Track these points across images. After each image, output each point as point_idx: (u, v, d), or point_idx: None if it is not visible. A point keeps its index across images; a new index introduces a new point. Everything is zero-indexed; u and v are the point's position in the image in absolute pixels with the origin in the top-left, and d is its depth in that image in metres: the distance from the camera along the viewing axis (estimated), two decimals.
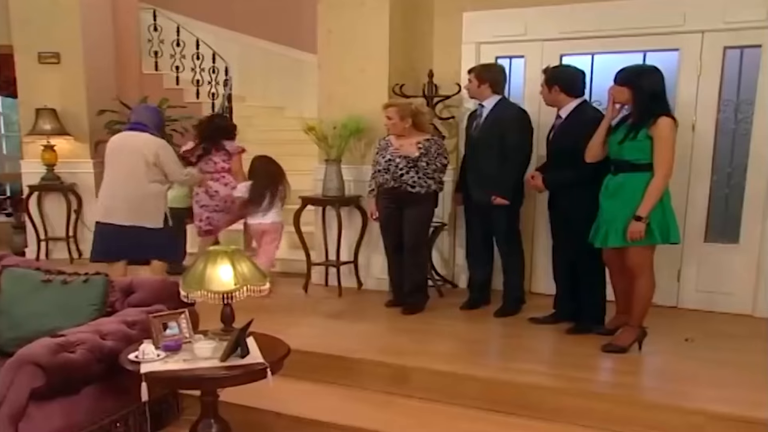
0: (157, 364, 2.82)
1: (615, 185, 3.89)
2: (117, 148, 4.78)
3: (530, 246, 5.30)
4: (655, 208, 3.74)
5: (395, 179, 4.68)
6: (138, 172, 4.65)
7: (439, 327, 4.55)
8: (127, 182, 4.67)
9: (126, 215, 4.65)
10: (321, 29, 5.52)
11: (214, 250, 3.16)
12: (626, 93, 3.87)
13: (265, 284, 3.18)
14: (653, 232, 3.76)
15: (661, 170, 3.72)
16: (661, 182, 3.73)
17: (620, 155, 3.87)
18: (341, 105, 5.36)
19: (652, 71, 3.89)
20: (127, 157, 4.69)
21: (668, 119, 3.74)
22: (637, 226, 3.74)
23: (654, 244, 3.83)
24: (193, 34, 8.07)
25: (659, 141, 3.72)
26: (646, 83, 3.81)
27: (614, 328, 4.12)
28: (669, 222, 3.81)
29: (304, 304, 5.19)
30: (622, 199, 3.83)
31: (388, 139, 4.83)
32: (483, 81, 4.62)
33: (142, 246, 4.74)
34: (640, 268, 3.87)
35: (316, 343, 4.13)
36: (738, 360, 3.88)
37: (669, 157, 3.74)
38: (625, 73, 3.92)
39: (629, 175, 3.83)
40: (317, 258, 5.66)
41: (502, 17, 5.21)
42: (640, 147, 3.77)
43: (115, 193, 4.71)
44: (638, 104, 3.83)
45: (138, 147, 4.67)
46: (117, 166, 4.73)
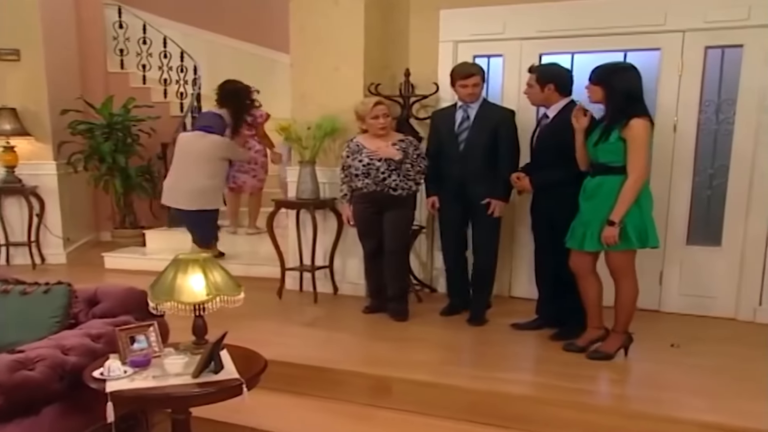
0: (123, 381, 2.62)
1: (592, 187, 3.79)
2: (185, 145, 5.80)
3: (510, 249, 5.19)
4: (632, 211, 3.63)
5: (377, 183, 4.52)
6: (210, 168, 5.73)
7: (419, 334, 4.41)
8: (196, 175, 5.68)
9: (188, 202, 5.75)
10: (293, 26, 5.35)
11: (184, 258, 2.97)
12: (599, 92, 3.75)
13: (240, 294, 3.01)
14: (629, 236, 3.65)
15: (634, 173, 3.60)
16: (633, 186, 3.61)
17: (596, 157, 3.77)
18: (315, 105, 5.21)
19: (626, 69, 3.77)
20: (197, 155, 5.69)
21: (641, 120, 3.60)
22: (611, 230, 3.63)
23: (631, 248, 3.72)
24: (160, 31, 7.88)
25: (632, 143, 3.60)
26: (619, 82, 3.68)
27: (586, 345, 3.97)
28: (647, 226, 3.70)
29: (279, 312, 5.02)
30: (598, 202, 3.73)
31: (357, 141, 4.64)
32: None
33: (195, 225, 5.87)
34: (622, 272, 3.76)
35: (293, 354, 3.96)
36: (726, 367, 3.79)
37: (642, 160, 3.61)
38: (599, 71, 3.80)
39: (605, 177, 3.72)
40: (291, 263, 5.49)
41: (480, 15, 5.10)
42: (613, 149, 3.66)
43: (177, 184, 5.75)
44: (611, 104, 3.71)
45: (208, 147, 5.71)
46: (187, 161, 5.73)
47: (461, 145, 4.52)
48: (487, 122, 4.47)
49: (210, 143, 5.73)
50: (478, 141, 4.46)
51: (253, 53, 8.80)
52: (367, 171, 4.54)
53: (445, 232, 4.77)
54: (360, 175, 4.57)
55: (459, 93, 4.53)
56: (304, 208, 5.26)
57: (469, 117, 4.52)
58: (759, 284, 4.58)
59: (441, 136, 4.64)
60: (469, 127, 4.51)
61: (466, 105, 4.53)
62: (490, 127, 4.46)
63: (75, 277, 5.92)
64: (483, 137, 4.46)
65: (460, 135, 4.53)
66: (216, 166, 5.78)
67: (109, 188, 7.26)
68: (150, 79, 8.02)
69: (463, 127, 4.53)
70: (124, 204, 7.35)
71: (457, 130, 4.54)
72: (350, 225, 4.83)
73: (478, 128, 4.48)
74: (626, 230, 3.63)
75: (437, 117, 4.76)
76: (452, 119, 4.58)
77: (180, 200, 5.80)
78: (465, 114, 4.54)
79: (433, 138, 4.73)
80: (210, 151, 5.71)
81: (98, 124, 7.06)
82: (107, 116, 7.10)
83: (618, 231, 3.61)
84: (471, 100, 4.51)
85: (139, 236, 7.13)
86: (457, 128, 4.55)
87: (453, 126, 4.56)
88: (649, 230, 3.70)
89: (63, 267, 6.64)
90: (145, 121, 7.25)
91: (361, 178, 4.57)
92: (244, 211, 6.68)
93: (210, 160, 5.72)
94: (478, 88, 4.49)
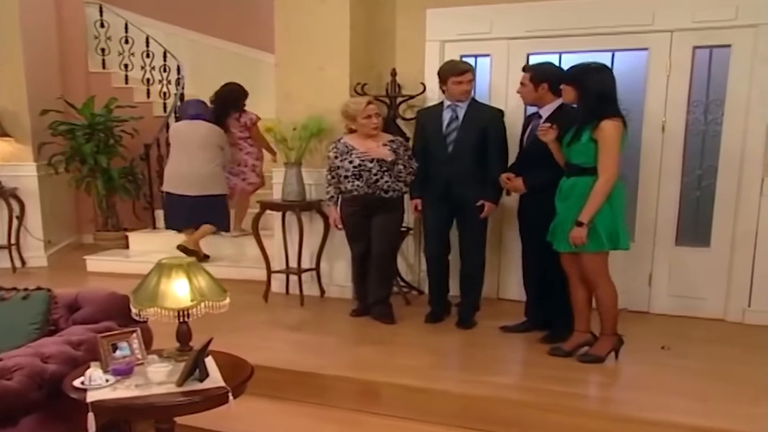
0: (105, 390, 2.55)
1: (567, 188, 3.76)
2: (185, 134, 5.93)
3: (498, 251, 5.15)
4: (603, 212, 3.60)
5: (369, 185, 4.44)
6: (212, 153, 5.89)
7: (407, 338, 4.35)
8: (201, 161, 5.85)
9: (199, 187, 5.84)
10: (278, 25, 5.28)
11: (168, 263, 2.90)
12: (572, 92, 3.72)
13: (225, 299, 2.94)
14: (600, 237, 3.61)
15: (604, 175, 3.57)
16: (603, 187, 3.57)
17: (569, 158, 3.75)
18: (301, 105, 5.13)
19: (599, 70, 3.74)
20: (199, 143, 5.85)
21: (612, 122, 3.56)
22: (578, 231, 3.60)
23: (601, 250, 3.67)
24: (143, 30, 7.75)
25: (603, 144, 3.57)
26: (593, 83, 3.65)
27: (572, 349, 3.92)
28: (618, 227, 3.66)
29: (265, 315, 4.94)
30: (572, 203, 3.70)
31: (345, 141, 4.54)
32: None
33: (209, 211, 5.92)
34: (594, 275, 3.72)
35: (279, 358, 3.90)
36: (717, 369, 3.75)
37: (612, 162, 3.57)
38: (572, 71, 3.79)
39: (578, 178, 3.69)
40: (277, 265, 5.42)
41: (467, 15, 5.05)
42: (584, 150, 3.63)
43: (188, 170, 5.85)
44: (583, 104, 3.68)
45: (207, 134, 5.90)
46: (190, 148, 5.87)
47: (450, 146, 4.44)
48: (477, 122, 4.41)
49: (207, 130, 5.92)
50: (468, 141, 4.40)
51: (237, 53, 8.69)
52: (358, 173, 4.45)
53: (430, 234, 4.66)
54: (350, 177, 4.47)
55: (452, 91, 4.42)
56: (290, 210, 5.19)
57: (458, 117, 4.45)
58: (747, 285, 4.56)
59: (427, 136, 4.56)
60: (458, 127, 4.43)
61: (455, 104, 4.45)
62: (479, 127, 4.39)
63: (56, 281, 5.91)
64: (472, 137, 4.39)
65: (449, 135, 4.45)
66: (215, 153, 5.94)
67: (91, 190, 7.14)
68: (132, 78, 7.89)
69: (452, 127, 4.45)
70: (107, 206, 7.23)
71: (446, 131, 4.46)
72: (337, 228, 4.72)
73: (467, 128, 4.41)
74: (597, 231, 3.61)
75: (423, 116, 4.68)
76: (439, 119, 4.49)
77: (191, 187, 5.86)
78: (454, 114, 4.47)
79: (419, 138, 4.64)
80: (209, 138, 5.91)
81: (79, 125, 6.93)
82: (89, 117, 6.98)
83: (586, 232, 3.59)
84: (465, 98, 4.43)
85: (122, 238, 7.03)
86: (446, 128, 4.46)
87: (441, 126, 4.48)
88: (620, 231, 3.67)
89: (44, 270, 6.53)
90: (128, 122, 7.13)
91: (351, 179, 4.47)
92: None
93: (210, 147, 5.90)
94: (471, 86, 4.45)
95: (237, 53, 8.68)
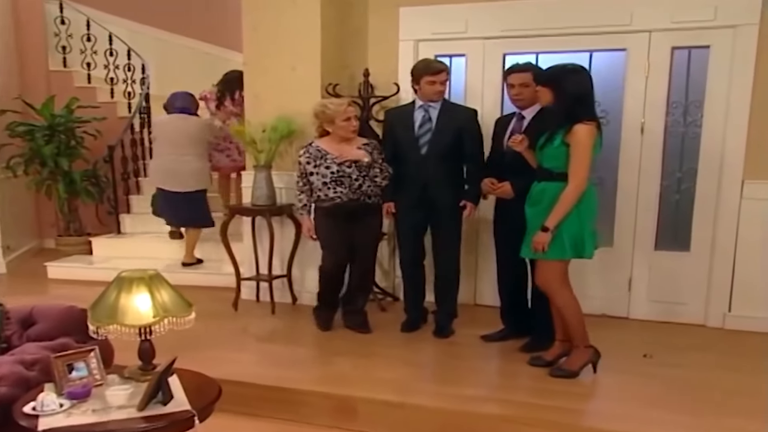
0: (59, 417, 2.37)
1: (536, 193, 3.63)
2: (174, 127, 5.80)
3: (475, 256, 5.03)
4: (570, 219, 3.47)
5: (353, 191, 4.23)
6: (200, 149, 5.83)
7: (384, 348, 4.19)
8: (190, 157, 5.76)
9: (188, 184, 5.77)
10: (246, 24, 5.09)
11: (128, 276, 2.72)
12: (548, 94, 3.57)
13: (190, 314, 2.78)
14: (564, 245, 3.48)
15: (574, 180, 3.44)
16: (572, 193, 3.44)
17: (541, 161, 3.63)
18: (270, 106, 4.95)
19: (577, 72, 3.60)
20: (188, 139, 5.75)
21: (585, 126, 3.42)
22: (541, 236, 3.47)
23: (565, 258, 3.54)
24: (105, 28, 7.47)
25: (575, 149, 3.43)
26: (570, 85, 3.50)
27: (553, 359, 3.80)
28: (584, 235, 3.52)
29: (235, 325, 4.75)
30: (541, 209, 3.56)
31: (317, 146, 4.29)
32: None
33: (193, 207, 5.84)
34: (549, 284, 3.59)
35: (249, 372, 3.74)
36: (704, 379, 3.66)
37: (583, 167, 3.44)
38: (549, 72, 3.65)
39: (548, 183, 3.56)
40: (248, 272, 5.23)
41: (442, 13, 4.92)
42: (556, 154, 3.50)
43: (177, 167, 5.73)
44: (559, 107, 3.53)
45: (197, 129, 5.83)
46: (178, 143, 5.75)
47: (423, 147, 4.27)
48: (452, 123, 4.26)
49: (196, 125, 5.87)
50: (442, 143, 4.24)
51: (206, 52, 8.48)
52: (339, 179, 4.21)
53: (405, 239, 4.51)
54: (330, 184, 4.22)
55: (425, 91, 4.26)
56: (260, 215, 5.01)
57: (431, 118, 4.28)
58: (728, 290, 4.49)
59: (398, 137, 4.38)
60: (431, 129, 4.27)
61: (427, 105, 4.29)
62: (454, 128, 4.25)
63: (15, 288, 5.67)
64: (447, 139, 4.24)
65: (422, 137, 4.28)
66: (204, 148, 5.92)
67: (52, 193, 6.87)
68: (95, 78, 7.61)
69: (425, 128, 4.29)
70: (69, 210, 6.95)
71: (418, 132, 4.29)
72: (312, 239, 4.46)
73: (442, 130, 4.25)
74: (561, 237, 3.48)
75: (392, 117, 4.50)
76: (411, 120, 4.32)
77: (180, 184, 5.78)
78: (426, 114, 4.30)
79: (389, 140, 4.46)
80: (198, 133, 5.85)
81: (39, 126, 6.66)
82: (48, 117, 6.70)
83: (549, 238, 3.47)
84: (438, 99, 4.28)
85: (85, 244, 6.75)
86: (418, 129, 4.30)
87: (412, 127, 4.31)
88: (586, 239, 3.52)
89: (3, 277, 6.27)
90: (90, 123, 6.88)
91: (331, 186, 4.22)
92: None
93: (200, 142, 5.85)
94: (445, 86, 4.29)
95: (205, 52, 8.48)
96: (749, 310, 4.45)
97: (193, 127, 5.82)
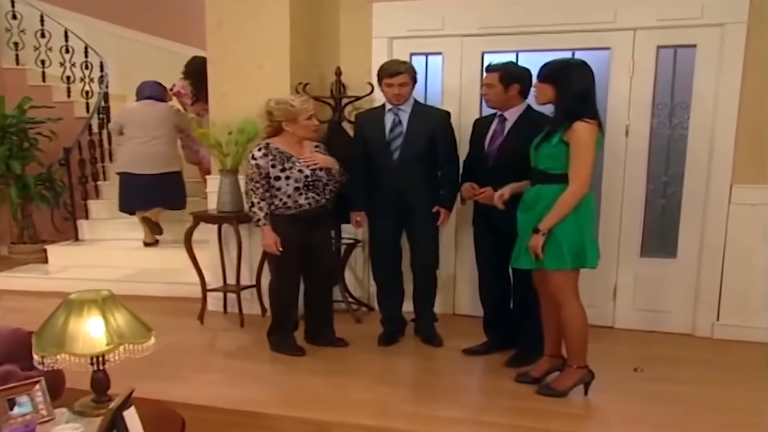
0: None
1: (531, 197, 3.39)
2: (142, 113, 5.89)
3: (453, 264, 4.82)
4: (567, 224, 3.23)
5: (324, 197, 3.99)
6: (169, 133, 5.92)
7: (360, 364, 3.95)
8: (159, 140, 5.84)
9: (158, 166, 5.80)
10: (210, 19, 4.81)
11: (78, 299, 2.44)
12: (549, 91, 3.33)
13: (149, 340, 2.50)
14: (563, 253, 3.24)
15: (575, 183, 3.21)
16: (572, 196, 3.21)
17: (536, 163, 3.39)
18: (236, 106, 4.67)
19: (580, 66, 3.37)
20: (158, 122, 5.85)
21: (586, 124, 3.20)
22: (534, 239, 3.25)
23: (564, 268, 3.29)
24: (61, 23, 7.08)
25: (575, 148, 3.20)
26: (572, 81, 3.28)
27: (541, 376, 3.58)
28: (585, 243, 3.29)
29: (200, 340, 4.48)
30: (533, 215, 3.33)
31: (277, 146, 3.91)
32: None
33: (167, 189, 5.86)
34: (561, 293, 3.33)
35: (216, 394, 3.48)
36: (700, 396, 3.47)
37: (585, 168, 3.21)
38: (551, 67, 3.39)
39: (543, 186, 3.33)
40: (214, 282, 4.95)
41: (417, 9, 4.70)
42: (553, 153, 3.27)
43: (147, 149, 5.78)
44: (562, 105, 3.30)
45: (165, 114, 5.92)
46: (147, 128, 5.83)
47: (395, 153, 4.07)
48: (423, 127, 4.05)
49: (164, 109, 5.96)
50: (415, 148, 4.04)
51: (168, 49, 8.11)
52: (311, 183, 3.91)
53: (380, 248, 4.28)
54: (302, 189, 3.90)
55: (385, 94, 4.09)
56: (226, 222, 4.74)
57: (401, 122, 4.07)
58: (716, 298, 4.34)
59: (369, 142, 4.17)
60: (402, 133, 4.06)
61: (397, 108, 4.08)
62: (426, 133, 4.04)
63: None
64: (419, 143, 4.04)
65: (393, 142, 4.08)
66: (172, 133, 5.98)
67: (4, 198, 6.51)
68: (51, 76, 7.23)
69: (396, 133, 4.08)
70: (22, 216, 6.60)
71: (389, 137, 4.08)
72: (278, 252, 3.92)
73: (413, 134, 4.04)
74: (560, 246, 3.25)
75: (363, 121, 4.29)
76: (381, 124, 4.11)
77: (149, 166, 5.80)
78: (396, 118, 4.09)
79: (359, 145, 4.23)
80: (167, 118, 5.93)
81: None
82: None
83: (542, 241, 3.23)
84: (397, 102, 4.06)
85: (40, 252, 6.40)
86: (389, 134, 4.09)
87: (383, 132, 4.10)
88: (587, 248, 3.30)
89: None
90: (45, 123, 6.53)
91: (303, 192, 3.91)
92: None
93: (168, 126, 5.91)
94: (405, 89, 4.04)
95: (168, 50, 8.11)
96: (738, 319, 4.30)
97: (162, 112, 5.90)
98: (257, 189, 3.88)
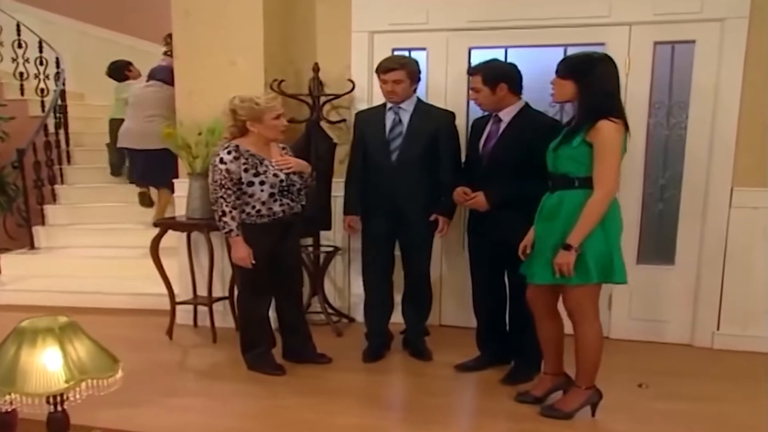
0: None
1: (551, 206, 3.11)
2: (143, 93, 5.94)
3: (440, 273, 4.57)
4: (595, 236, 2.95)
5: (300, 203, 3.72)
6: (165, 113, 5.66)
7: (344, 383, 3.67)
8: (151, 118, 5.78)
9: (145, 142, 5.72)
10: (176, 10, 4.49)
11: (31, 327, 2.09)
12: (570, 88, 3.05)
13: (116, 373, 2.17)
14: (588, 267, 2.96)
15: (602, 187, 2.94)
16: (600, 202, 2.94)
17: (555, 167, 3.11)
18: (206, 105, 4.32)
19: (604, 61, 3.09)
20: (154, 100, 5.84)
21: (612, 123, 2.93)
22: (565, 256, 2.95)
23: (590, 283, 3.02)
24: (13, 17, 6.68)
25: (601, 149, 2.93)
26: (597, 77, 3.00)
27: (542, 396, 3.33)
28: (614, 257, 3.01)
29: (170, 358, 4.15)
30: (555, 224, 3.05)
31: (246, 148, 3.55)
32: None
33: (156, 166, 5.64)
34: (580, 311, 3.07)
35: (189, 422, 3.17)
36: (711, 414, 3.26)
37: (612, 171, 2.95)
38: (572, 62, 3.12)
39: (565, 192, 3.05)
40: (183, 294, 4.62)
41: (400, 2, 4.45)
42: (575, 155, 3.00)
43: (135, 126, 5.83)
44: (585, 103, 3.02)
45: (167, 95, 5.62)
46: (151, 106, 5.84)
47: (394, 153, 3.82)
48: (425, 127, 3.81)
49: (169, 91, 5.55)
50: (415, 149, 3.79)
51: (129, 45, 7.73)
52: (286, 188, 3.62)
53: (371, 255, 4.02)
54: (278, 195, 3.60)
55: (382, 92, 3.88)
56: (196, 230, 4.41)
57: (401, 121, 3.84)
58: (716, 307, 4.16)
59: (368, 142, 3.93)
60: (402, 133, 3.82)
61: (397, 107, 3.84)
62: (428, 133, 3.79)
63: None
64: (420, 145, 3.79)
65: (392, 142, 3.83)
66: (165, 114, 5.73)
67: None
68: (2, 72, 6.88)
69: (395, 132, 3.84)
70: None
71: (389, 137, 3.85)
72: (251, 266, 3.58)
73: (413, 134, 3.80)
74: (585, 259, 2.96)
75: (362, 120, 4.05)
76: (381, 123, 3.87)
77: (139, 141, 5.81)
78: (397, 117, 3.85)
79: (359, 145, 4.00)
80: (169, 101, 5.45)
81: None
82: None
83: (574, 257, 2.95)
84: (392, 100, 3.84)
85: None
86: (388, 134, 3.85)
87: (383, 131, 3.86)
88: (615, 261, 3.01)
89: None
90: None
91: (279, 198, 3.60)
92: None
93: (168, 109, 5.54)
94: (400, 86, 3.79)
95: (129, 46, 7.74)
96: (739, 328, 4.13)
97: (166, 94, 5.66)
98: (228, 197, 3.52)
